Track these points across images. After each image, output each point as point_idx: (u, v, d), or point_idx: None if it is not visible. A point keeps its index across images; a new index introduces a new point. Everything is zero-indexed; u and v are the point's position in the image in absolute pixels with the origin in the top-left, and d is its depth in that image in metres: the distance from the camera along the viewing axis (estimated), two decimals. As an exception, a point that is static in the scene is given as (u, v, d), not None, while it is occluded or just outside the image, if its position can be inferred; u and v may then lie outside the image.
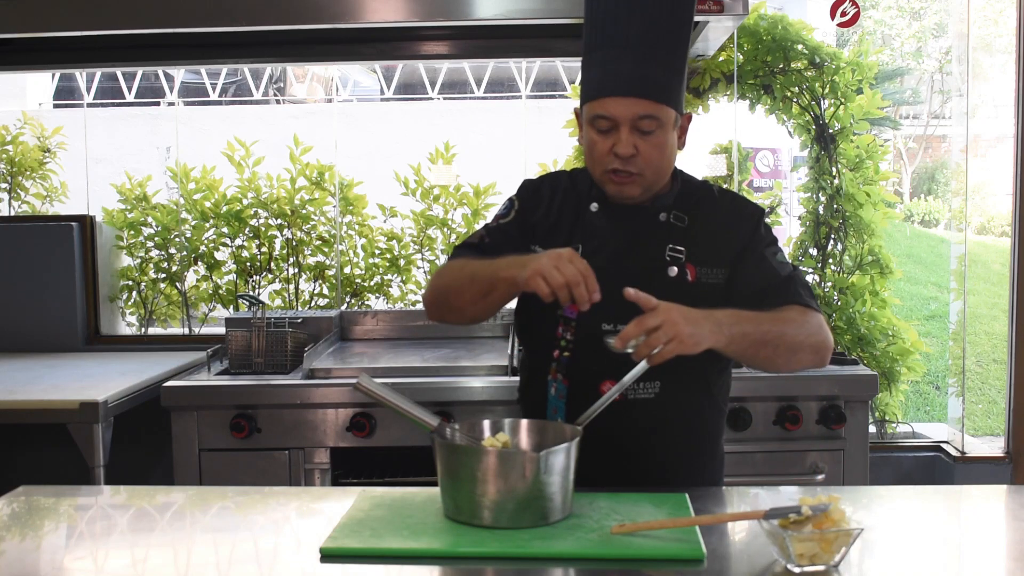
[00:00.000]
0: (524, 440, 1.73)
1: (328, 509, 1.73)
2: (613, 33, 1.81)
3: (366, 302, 3.87)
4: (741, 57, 3.54)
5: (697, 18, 2.79)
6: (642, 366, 1.66)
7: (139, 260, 3.89)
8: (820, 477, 2.85)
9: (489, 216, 3.78)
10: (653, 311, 1.62)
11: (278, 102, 9.76)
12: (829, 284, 3.58)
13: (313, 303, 3.86)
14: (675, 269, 1.87)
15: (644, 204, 1.90)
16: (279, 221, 3.83)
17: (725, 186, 2.76)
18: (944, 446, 3.61)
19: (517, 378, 3.01)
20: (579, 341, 1.87)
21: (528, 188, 2.02)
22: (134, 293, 3.91)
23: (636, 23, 1.79)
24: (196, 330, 3.92)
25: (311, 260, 3.87)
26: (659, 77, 1.79)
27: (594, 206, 1.92)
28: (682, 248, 1.88)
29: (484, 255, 1.91)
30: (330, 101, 8.61)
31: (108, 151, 6.52)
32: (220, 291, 3.87)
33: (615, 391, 1.69)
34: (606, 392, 1.72)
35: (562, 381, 1.88)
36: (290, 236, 3.83)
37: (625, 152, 1.80)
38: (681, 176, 1.97)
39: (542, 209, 1.96)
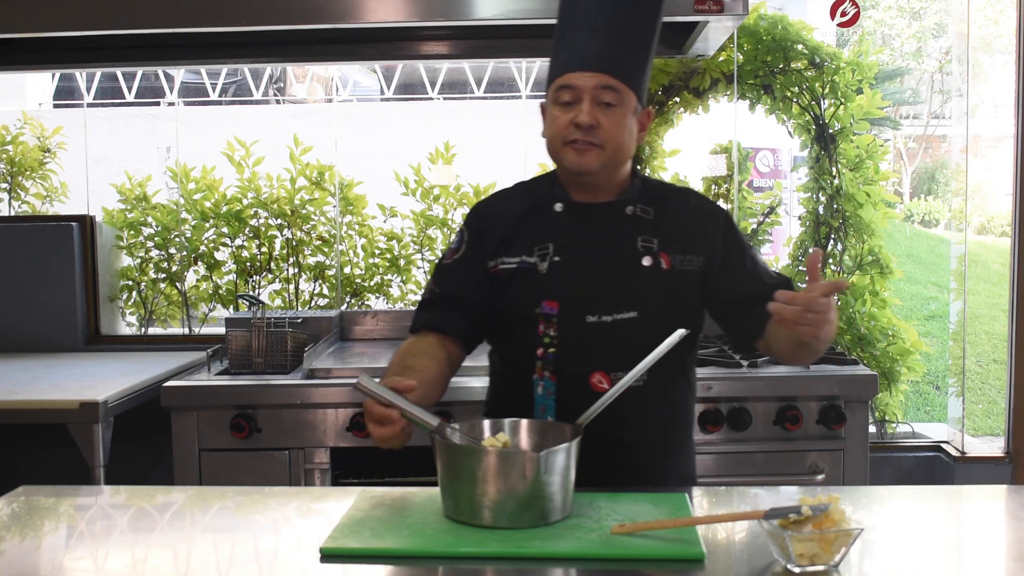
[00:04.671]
0: (524, 440, 1.73)
1: (328, 509, 1.73)
2: (582, 18, 1.86)
3: (366, 302, 3.87)
4: (741, 57, 3.54)
5: (697, 18, 2.79)
6: (654, 355, 1.67)
7: (139, 260, 3.89)
8: (820, 477, 2.85)
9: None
10: (825, 295, 1.60)
11: (278, 102, 9.75)
12: (829, 284, 3.58)
13: (313, 303, 3.86)
14: (649, 259, 1.89)
15: (609, 201, 1.92)
16: (279, 221, 3.83)
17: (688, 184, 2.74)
18: (944, 446, 3.61)
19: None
20: (564, 336, 1.87)
21: (476, 213, 2.04)
22: (134, 293, 3.91)
23: (605, 12, 1.85)
24: (196, 330, 3.92)
25: (311, 260, 3.87)
26: (623, 59, 1.84)
27: (558, 206, 1.94)
28: (653, 238, 1.90)
29: (438, 309, 1.95)
30: (330, 101, 8.59)
31: (108, 151, 6.50)
32: (220, 291, 3.87)
33: (621, 386, 1.68)
34: (595, 383, 1.75)
35: (549, 378, 1.87)
36: (290, 236, 3.83)
37: (586, 121, 1.82)
38: (640, 175, 2.01)
39: (499, 225, 1.96)
